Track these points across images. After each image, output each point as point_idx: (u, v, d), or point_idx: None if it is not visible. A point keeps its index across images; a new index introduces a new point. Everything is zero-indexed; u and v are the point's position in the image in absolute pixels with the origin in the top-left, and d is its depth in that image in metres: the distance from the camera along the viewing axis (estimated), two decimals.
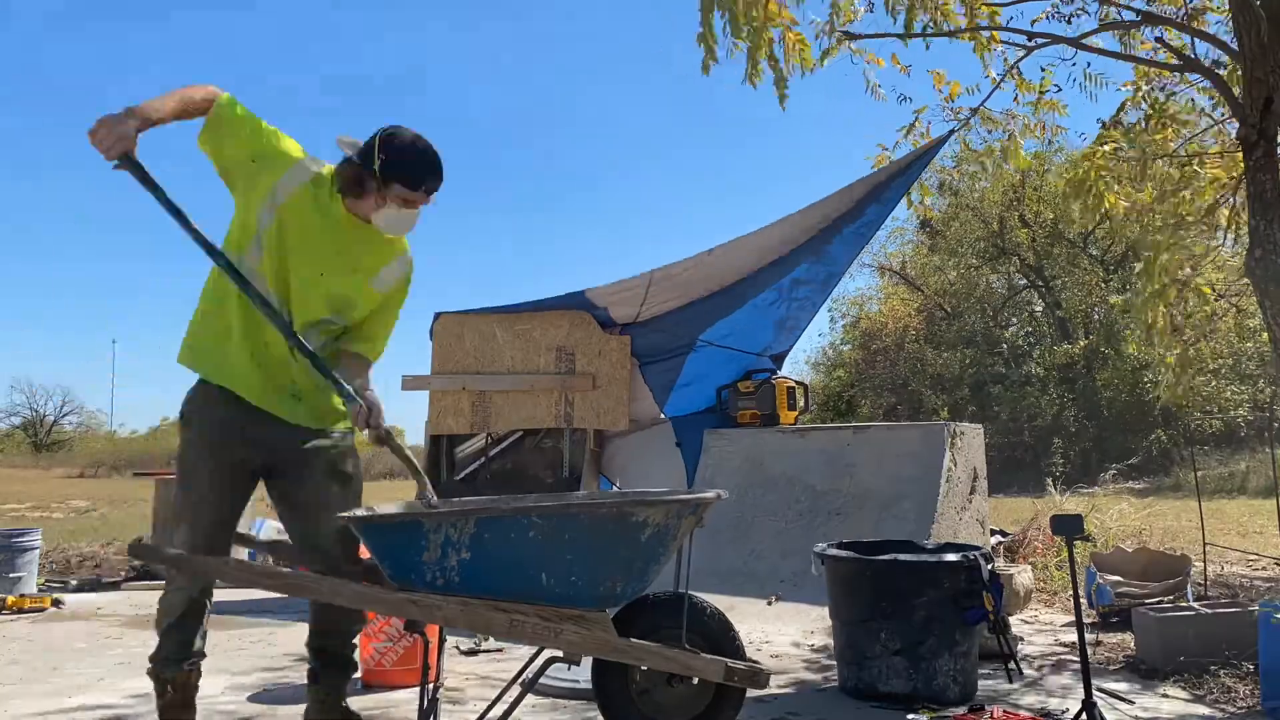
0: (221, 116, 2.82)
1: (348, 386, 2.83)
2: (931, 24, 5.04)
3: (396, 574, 2.74)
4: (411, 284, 3.12)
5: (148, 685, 2.96)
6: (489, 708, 2.95)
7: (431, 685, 2.80)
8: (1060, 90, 5.55)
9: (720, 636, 2.93)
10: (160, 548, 2.93)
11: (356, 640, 3.19)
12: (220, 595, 6.86)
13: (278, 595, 6.54)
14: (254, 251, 2.87)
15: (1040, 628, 5.21)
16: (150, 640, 4.94)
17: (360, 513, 2.89)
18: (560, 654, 2.79)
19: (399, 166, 2.80)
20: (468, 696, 3.84)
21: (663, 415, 7.32)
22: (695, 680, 2.87)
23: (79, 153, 72.45)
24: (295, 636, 5.07)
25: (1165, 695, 3.78)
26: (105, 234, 73.29)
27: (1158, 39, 5.33)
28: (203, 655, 3.03)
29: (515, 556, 2.70)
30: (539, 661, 2.89)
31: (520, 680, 2.96)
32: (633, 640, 2.75)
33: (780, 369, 7.75)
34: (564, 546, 2.71)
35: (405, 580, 2.72)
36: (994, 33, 5.20)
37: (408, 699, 3.79)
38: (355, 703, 3.70)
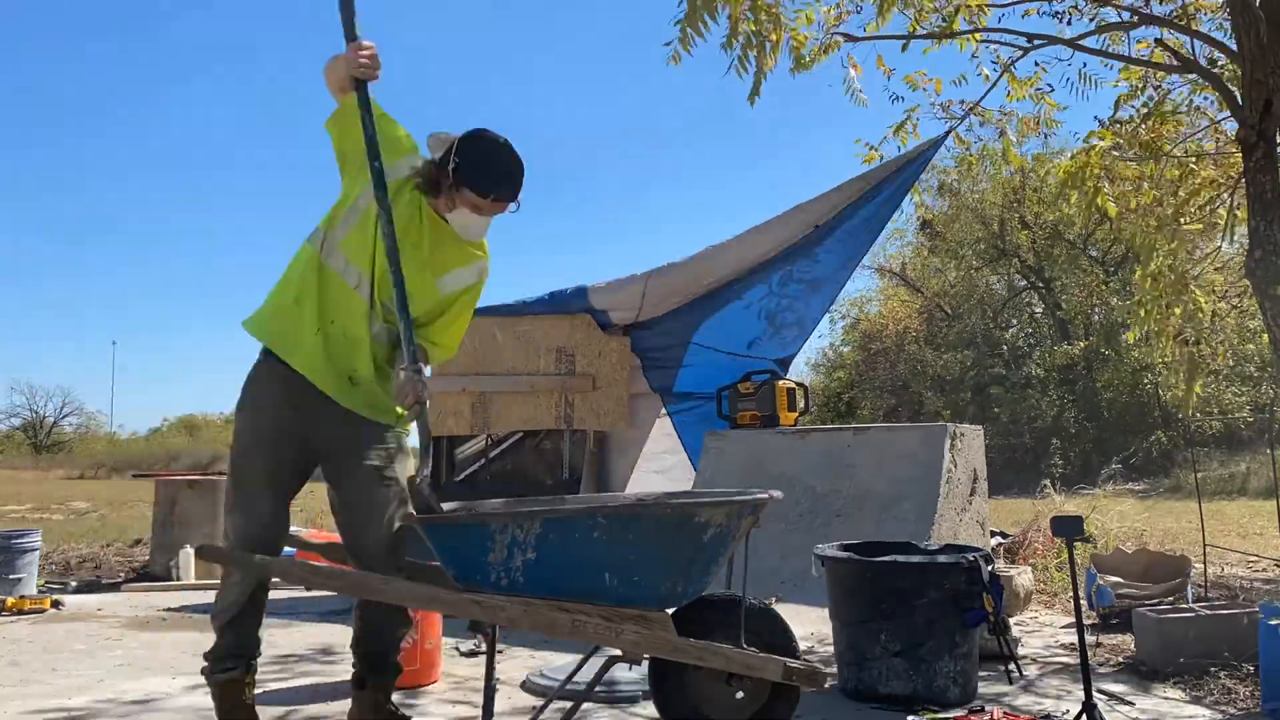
0: (347, 108, 2.87)
1: (413, 349, 2.82)
2: (917, 24, 5.04)
3: (461, 574, 2.76)
4: (480, 294, 3.11)
5: (147, 687, 2.93)
6: (540, 709, 2.96)
7: (493, 685, 2.83)
8: (1053, 90, 5.56)
9: (776, 636, 2.96)
10: (226, 550, 2.94)
11: (403, 644, 3.13)
12: None
13: (279, 597, 6.55)
14: (342, 226, 2.90)
15: (1040, 629, 5.21)
16: (151, 640, 4.95)
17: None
18: (620, 654, 2.80)
19: (472, 172, 2.82)
20: (468, 697, 3.84)
21: (665, 411, 7.32)
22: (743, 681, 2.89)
23: (78, 150, 72.54)
24: (294, 637, 5.08)
25: (1165, 697, 3.78)
26: (105, 234, 73.37)
27: (1156, 40, 5.33)
28: (256, 655, 2.96)
29: (579, 557, 2.72)
30: (595, 662, 2.91)
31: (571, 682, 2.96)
32: (693, 640, 2.77)
33: (786, 374, 7.74)
34: (627, 547, 2.73)
35: (470, 580, 2.74)
36: (979, 34, 5.19)
37: (405, 700, 3.78)
38: None
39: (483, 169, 2.84)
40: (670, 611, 2.85)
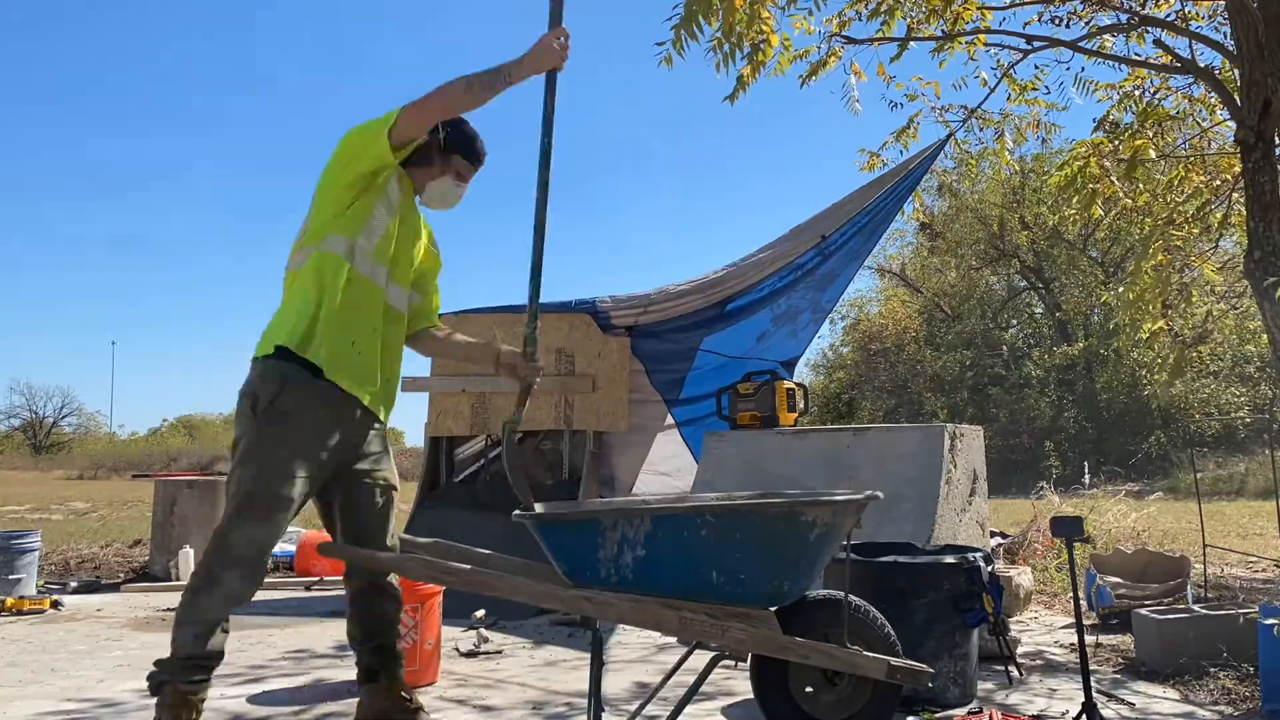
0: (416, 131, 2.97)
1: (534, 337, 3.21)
2: (916, 29, 5.06)
3: (572, 571, 2.79)
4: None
5: (145, 685, 2.88)
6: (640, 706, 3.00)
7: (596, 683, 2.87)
8: (1050, 92, 5.58)
9: (875, 635, 2.99)
10: (343, 546, 3.03)
11: (401, 624, 3.23)
12: None
13: (279, 598, 6.55)
14: (367, 236, 2.98)
15: (1040, 629, 5.21)
16: (151, 641, 4.94)
17: (537, 510, 2.93)
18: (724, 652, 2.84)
19: (463, 139, 3.12)
20: (468, 695, 3.84)
21: (670, 419, 7.31)
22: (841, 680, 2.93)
23: (78, 151, 72.50)
24: (294, 637, 5.08)
25: (1164, 697, 3.78)
26: (104, 235, 73.28)
27: (1155, 41, 5.34)
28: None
29: (688, 554, 2.75)
30: (696, 659, 2.93)
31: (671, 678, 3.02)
32: (798, 638, 2.79)
33: (790, 375, 7.74)
34: (735, 545, 2.75)
35: (580, 577, 2.77)
36: (980, 36, 5.21)
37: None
38: (354, 703, 3.71)
39: (471, 138, 3.16)
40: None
